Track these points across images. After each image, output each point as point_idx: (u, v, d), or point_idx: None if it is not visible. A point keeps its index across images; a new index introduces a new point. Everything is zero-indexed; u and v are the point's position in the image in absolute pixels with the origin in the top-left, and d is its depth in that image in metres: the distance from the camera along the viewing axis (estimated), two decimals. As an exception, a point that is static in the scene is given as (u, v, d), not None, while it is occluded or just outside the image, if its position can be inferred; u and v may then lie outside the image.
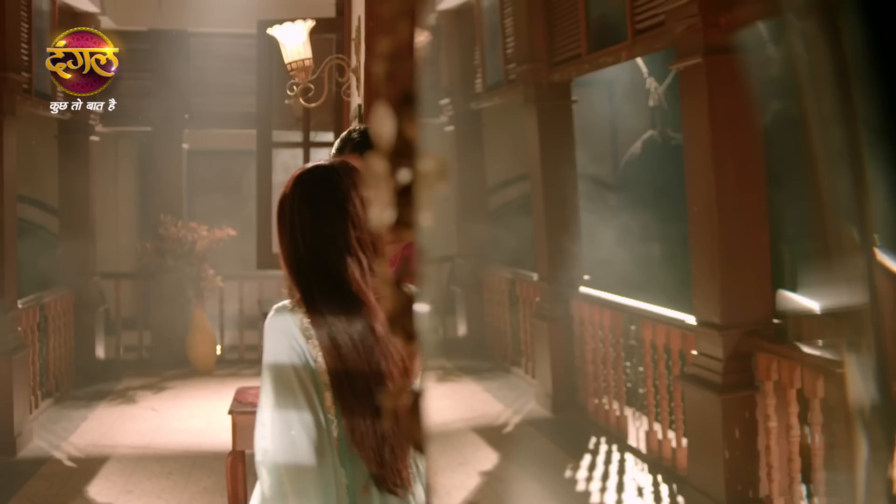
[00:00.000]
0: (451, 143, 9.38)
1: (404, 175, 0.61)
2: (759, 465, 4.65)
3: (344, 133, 2.59)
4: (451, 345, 9.23)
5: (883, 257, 1.23)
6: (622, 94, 9.91)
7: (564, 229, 7.10)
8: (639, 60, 8.97)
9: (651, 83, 9.56)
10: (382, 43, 0.64)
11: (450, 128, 9.51)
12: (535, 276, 7.57)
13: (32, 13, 6.89)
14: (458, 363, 8.76)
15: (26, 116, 6.85)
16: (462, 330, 9.35)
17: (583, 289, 6.99)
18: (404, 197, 0.61)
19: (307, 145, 5.87)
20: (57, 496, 5.36)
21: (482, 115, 9.41)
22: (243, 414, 2.99)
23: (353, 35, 4.79)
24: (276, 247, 7.13)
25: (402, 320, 0.64)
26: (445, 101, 9.55)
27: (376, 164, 0.61)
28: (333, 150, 2.54)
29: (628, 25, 5.81)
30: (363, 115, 4.17)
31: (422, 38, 0.64)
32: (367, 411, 1.91)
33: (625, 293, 6.47)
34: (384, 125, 0.63)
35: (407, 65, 0.64)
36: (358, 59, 4.55)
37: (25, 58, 6.70)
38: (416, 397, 0.64)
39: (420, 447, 0.62)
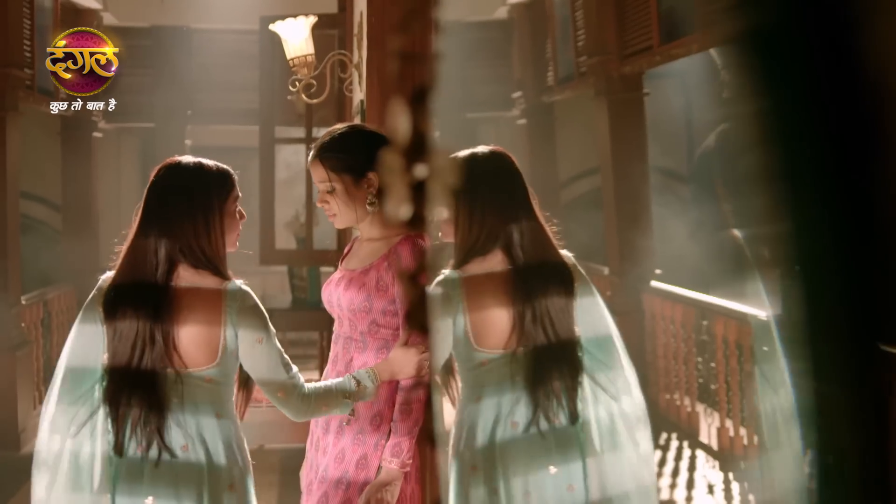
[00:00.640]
0: (522, 137, 9.33)
1: (420, 170, 0.61)
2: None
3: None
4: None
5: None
6: (695, 86, 9.80)
7: (635, 223, 7.04)
8: (712, 51, 8.90)
9: (725, 75, 9.45)
10: (394, 40, 0.65)
11: (522, 121, 9.47)
12: (606, 270, 7.52)
13: (35, 10, 6.88)
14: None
15: (29, 113, 6.85)
16: (532, 324, 9.30)
17: (654, 283, 6.92)
18: (417, 192, 0.62)
19: (309, 141, 5.87)
20: (61, 491, 5.37)
21: (554, 108, 9.33)
22: (249, 409, 3.00)
23: (356, 31, 4.79)
24: (279, 242, 7.05)
25: (417, 314, 0.65)
26: (517, 94, 9.51)
27: (391, 160, 0.62)
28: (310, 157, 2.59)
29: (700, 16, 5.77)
30: (365, 111, 4.17)
31: (436, 35, 0.65)
32: (132, 390, 2.19)
33: (697, 288, 6.39)
34: (397, 121, 0.64)
35: (419, 62, 0.64)
36: (360, 54, 4.55)
37: (28, 54, 6.70)
38: (430, 391, 0.65)
39: (433, 439, 0.62)
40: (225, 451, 2.23)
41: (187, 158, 2.40)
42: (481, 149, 2.58)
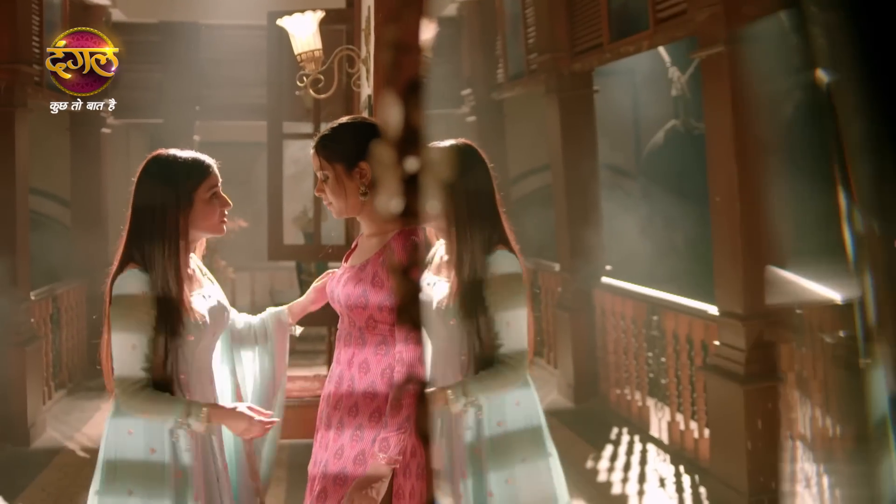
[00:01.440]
0: (472, 134, 9.29)
1: (412, 163, 0.61)
2: (783, 457, 4.64)
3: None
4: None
5: None
6: (644, 84, 9.82)
7: (586, 219, 7.05)
8: (661, 49, 8.89)
9: (674, 72, 9.47)
10: (389, 32, 0.64)
11: (471, 118, 9.46)
12: (557, 267, 7.53)
13: (44, 6, 6.90)
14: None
15: (38, 109, 6.87)
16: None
17: (605, 279, 6.95)
18: (410, 185, 0.61)
19: (318, 136, 5.84)
20: (70, 486, 5.39)
21: (504, 106, 9.33)
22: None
23: (363, 26, 4.78)
24: (287, 238, 7.05)
25: (409, 310, 0.64)
26: (467, 91, 9.50)
27: (383, 153, 0.61)
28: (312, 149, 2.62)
29: (650, 14, 5.76)
30: (373, 106, 4.16)
31: (429, 27, 0.64)
32: None
33: (647, 283, 6.44)
34: (391, 114, 0.63)
35: (414, 54, 0.64)
36: (368, 49, 4.54)
37: (37, 51, 6.71)
38: (423, 387, 0.64)
39: (426, 436, 0.62)
40: (106, 432, 2.50)
41: (165, 152, 2.57)
42: (454, 141, 2.80)
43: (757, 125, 4.69)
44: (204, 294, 2.59)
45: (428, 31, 0.63)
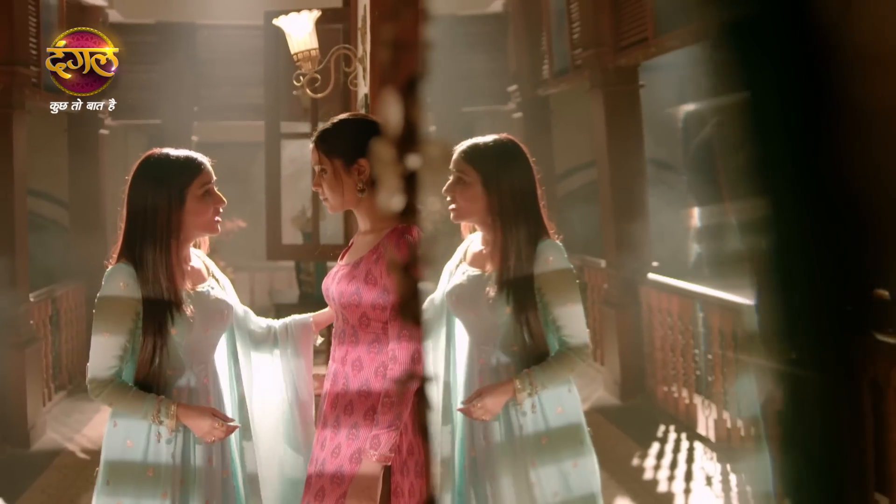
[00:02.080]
0: (519, 130, 9.21)
1: (412, 161, 0.61)
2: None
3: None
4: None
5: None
6: (691, 78, 9.79)
7: (632, 215, 7.02)
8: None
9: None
10: (385, 30, 0.64)
11: (518, 114, 9.41)
12: (603, 263, 7.51)
13: (40, 7, 6.88)
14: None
15: (35, 110, 6.86)
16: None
17: (651, 275, 6.90)
18: (408, 183, 0.61)
19: (315, 136, 5.83)
20: (70, 488, 5.39)
21: (550, 102, 9.29)
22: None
23: (360, 24, 4.78)
24: (286, 238, 7.03)
25: (410, 305, 0.64)
26: (513, 87, 9.47)
27: (382, 150, 0.61)
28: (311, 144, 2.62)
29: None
30: (369, 105, 4.16)
31: (426, 24, 0.64)
32: None
33: (694, 279, 6.39)
34: (389, 111, 0.63)
35: (411, 51, 0.64)
36: (364, 48, 4.54)
37: (34, 52, 6.70)
38: (423, 382, 0.65)
39: (425, 432, 0.62)
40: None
41: (158, 151, 2.59)
42: (497, 136, 2.77)
43: None
44: (203, 290, 2.59)
45: (426, 28, 0.64)
